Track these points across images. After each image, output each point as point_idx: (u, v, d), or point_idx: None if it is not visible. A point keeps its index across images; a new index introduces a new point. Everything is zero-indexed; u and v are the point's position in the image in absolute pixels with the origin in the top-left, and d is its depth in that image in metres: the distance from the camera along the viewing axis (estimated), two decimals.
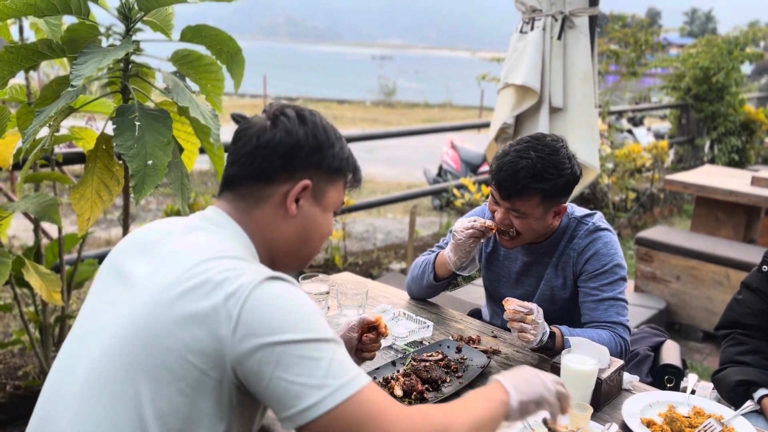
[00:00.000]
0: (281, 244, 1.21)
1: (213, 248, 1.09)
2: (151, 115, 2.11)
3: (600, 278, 1.94)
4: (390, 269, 4.79)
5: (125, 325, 1.05)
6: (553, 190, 1.85)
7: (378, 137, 5.49)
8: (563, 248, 2.01)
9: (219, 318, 0.99)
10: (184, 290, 1.02)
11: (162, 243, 1.15)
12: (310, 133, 1.16)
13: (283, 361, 0.97)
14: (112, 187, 2.18)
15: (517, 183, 1.83)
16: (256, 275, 1.03)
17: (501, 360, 1.88)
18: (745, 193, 4.37)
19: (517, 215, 1.89)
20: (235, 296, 1.00)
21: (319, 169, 1.18)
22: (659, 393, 1.71)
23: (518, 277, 2.12)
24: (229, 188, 1.20)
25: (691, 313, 4.10)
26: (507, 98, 3.68)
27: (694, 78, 8.28)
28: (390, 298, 2.30)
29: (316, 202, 1.21)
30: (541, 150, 1.84)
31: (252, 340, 0.98)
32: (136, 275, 1.11)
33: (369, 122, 19.50)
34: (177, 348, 0.99)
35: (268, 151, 1.14)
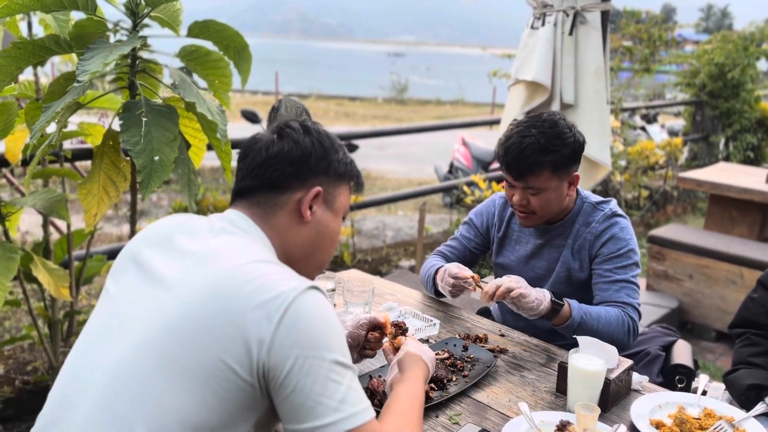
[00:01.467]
0: (297, 250, 1.25)
1: (249, 252, 1.13)
2: (157, 110, 2.11)
3: (614, 261, 1.98)
4: (399, 266, 4.78)
5: (161, 324, 1.06)
6: (562, 160, 1.92)
7: (389, 134, 5.46)
8: (578, 231, 2.05)
9: (260, 321, 1.02)
10: (226, 292, 1.05)
11: (188, 243, 1.17)
12: (315, 141, 1.24)
13: (312, 375, 1.02)
14: (118, 183, 2.18)
15: (526, 161, 1.90)
16: (299, 282, 1.08)
17: (508, 359, 1.86)
18: (760, 190, 4.31)
19: (533, 192, 1.94)
20: (278, 301, 1.03)
21: (327, 174, 1.25)
22: (669, 394, 1.68)
23: (528, 260, 2.15)
24: (242, 197, 1.25)
25: (703, 313, 4.05)
26: (518, 94, 3.65)
27: (708, 74, 8.18)
28: (396, 295, 2.28)
29: (328, 207, 1.27)
30: (540, 126, 1.92)
31: (289, 347, 1.02)
32: (167, 275, 1.13)
33: (380, 119, 19.47)
34: (215, 348, 1.02)
35: (278, 160, 1.21)
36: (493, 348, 1.89)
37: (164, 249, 1.18)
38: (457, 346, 1.86)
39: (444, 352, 1.81)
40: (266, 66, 24.56)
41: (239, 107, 5.64)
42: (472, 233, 2.27)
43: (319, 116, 17.97)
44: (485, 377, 1.72)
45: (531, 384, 1.72)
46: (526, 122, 1.95)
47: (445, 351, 1.81)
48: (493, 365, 1.76)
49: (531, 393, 1.68)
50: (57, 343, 2.77)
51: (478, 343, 1.92)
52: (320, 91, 27.16)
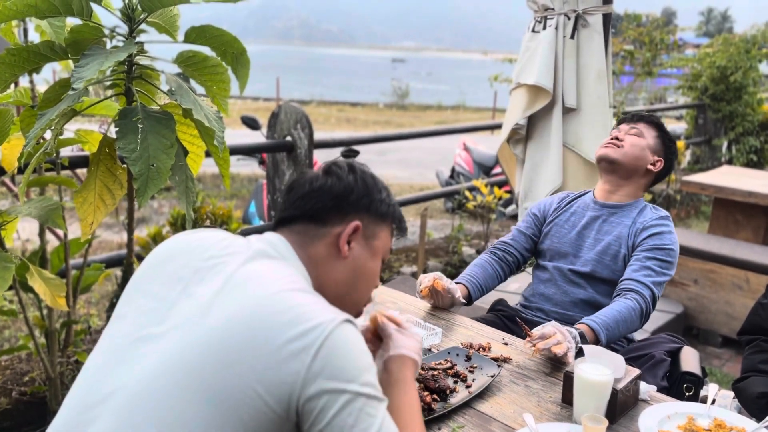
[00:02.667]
0: (331, 285, 1.23)
1: (286, 279, 1.11)
2: (154, 117, 2.08)
3: (654, 252, 2.09)
4: (401, 272, 4.74)
5: (191, 345, 1.04)
6: (664, 141, 2.26)
7: (391, 139, 5.43)
8: (635, 219, 2.19)
9: (297, 352, 1.01)
10: (263, 320, 1.03)
11: (226, 263, 1.14)
12: (359, 179, 1.26)
13: (347, 410, 1.01)
14: (115, 191, 2.15)
15: (648, 115, 2.30)
16: (335, 315, 1.06)
17: (512, 368, 1.82)
18: (765, 194, 4.27)
19: (635, 132, 2.24)
20: (316, 332, 1.02)
21: (369, 212, 1.26)
22: (678, 404, 1.64)
23: (581, 230, 2.27)
24: (284, 225, 1.25)
25: (709, 318, 4.01)
26: (519, 98, 3.61)
27: (711, 77, 8.15)
28: (398, 303, 2.25)
29: (367, 244, 1.27)
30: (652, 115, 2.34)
31: (326, 381, 1.01)
32: (201, 292, 1.10)
33: (382, 124, 19.47)
34: (248, 376, 1.00)
35: (321, 193, 1.23)
36: (496, 357, 1.85)
37: (204, 264, 1.15)
38: (460, 356, 1.82)
39: (446, 361, 1.77)
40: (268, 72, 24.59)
41: (240, 113, 5.62)
42: (530, 221, 2.40)
43: (320, 122, 17.97)
44: (489, 387, 1.68)
45: (536, 394, 1.68)
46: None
47: (448, 360, 1.77)
48: (497, 375, 1.72)
49: (536, 403, 1.64)
50: (54, 353, 2.73)
51: (481, 352, 1.88)
52: (322, 97, 27.19)
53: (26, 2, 1.92)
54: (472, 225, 5.78)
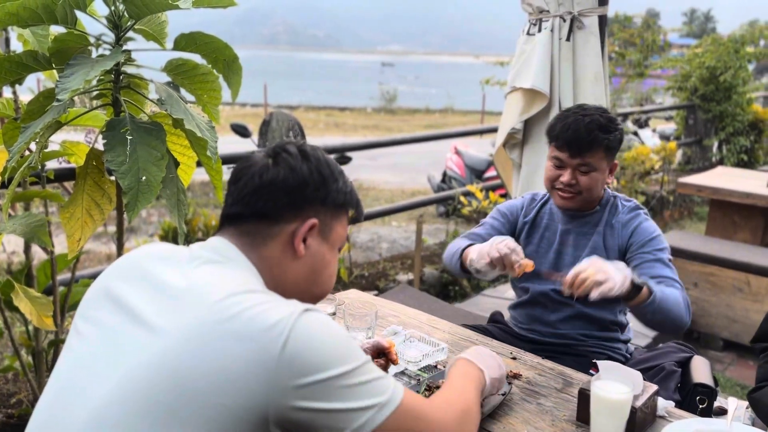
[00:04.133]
0: (290, 284, 1.15)
1: (235, 282, 1.02)
2: (143, 128, 1.99)
3: (650, 244, 2.02)
4: (397, 280, 4.66)
5: (147, 368, 0.95)
6: (613, 143, 2.00)
7: (383, 145, 5.36)
8: (607, 220, 2.09)
9: (258, 356, 0.93)
10: (214, 329, 0.95)
11: (169, 276, 1.06)
12: (314, 169, 1.15)
13: (333, 394, 0.97)
14: (103, 206, 2.06)
15: (588, 135, 1.96)
16: (294, 307, 0.99)
17: (522, 384, 1.74)
18: (762, 195, 4.23)
19: (585, 170, 2.00)
20: (277, 329, 0.95)
21: (325, 204, 1.17)
22: (698, 420, 1.58)
23: (558, 247, 2.14)
24: (231, 224, 1.14)
25: (710, 321, 3.96)
26: (515, 102, 3.56)
27: (700, 78, 8.16)
28: (400, 317, 2.17)
29: (324, 239, 1.18)
30: (595, 109, 2.02)
31: (301, 377, 0.95)
32: (146, 311, 1.01)
33: (370, 129, 19.41)
34: (209, 392, 0.92)
35: (272, 189, 1.12)
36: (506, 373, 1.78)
37: (142, 282, 1.07)
38: None
39: None
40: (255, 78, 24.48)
41: (228, 120, 5.53)
42: (501, 219, 2.27)
43: (309, 127, 17.87)
44: (500, 406, 1.61)
45: (549, 412, 1.61)
46: (577, 108, 2.05)
47: None
48: (508, 393, 1.64)
49: (550, 423, 1.57)
50: (42, 373, 2.63)
51: None
52: (309, 102, 27.09)
53: (7, 10, 1.83)
54: (466, 229, 5.72)
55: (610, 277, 1.69)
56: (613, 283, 1.69)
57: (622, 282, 1.72)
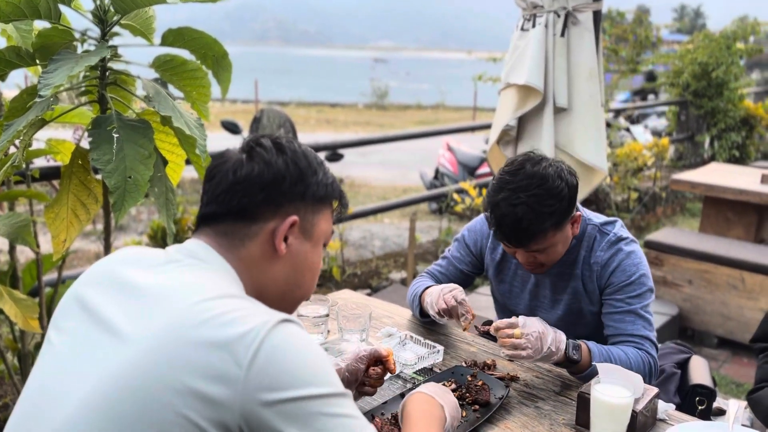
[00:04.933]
0: (271, 286, 1.08)
1: (209, 286, 0.96)
2: (130, 126, 1.94)
3: (626, 290, 1.80)
4: (390, 279, 4.62)
5: (111, 380, 0.89)
6: (561, 216, 1.72)
7: (375, 142, 5.31)
8: (585, 258, 1.87)
9: (226, 366, 0.86)
10: (181, 334, 0.89)
11: (141, 280, 1.00)
12: (290, 162, 1.08)
13: (302, 418, 0.88)
14: (89, 206, 2.01)
15: (524, 232, 1.69)
16: (269, 316, 0.92)
17: (520, 387, 1.71)
18: (756, 191, 4.22)
19: (538, 253, 1.76)
20: (246, 340, 0.88)
21: (304, 200, 1.09)
22: (699, 424, 1.54)
23: (534, 288, 1.97)
24: (207, 225, 1.07)
25: (705, 319, 3.95)
26: (509, 99, 3.52)
27: (692, 74, 8.15)
28: (394, 317, 2.13)
29: (306, 237, 1.10)
30: (527, 186, 1.68)
31: (270, 392, 0.87)
32: (116, 319, 0.96)
33: (362, 125, 19.33)
34: (172, 403, 0.86)
35: (247, 185, 1.05)
36: (502, 376, 1.75)
37: (113, 288, 1.01)
38: (464, 375, 1.70)
39: (450, 382, 1.65)
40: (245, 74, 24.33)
41: (219, 117, 5.46)
42: (463, 252, 2.07)
43: (300, 123, 17.78)
44: (497, 410, 1.57)
45: (548, 416, 1.58)
46: (510, 183, 1.69)
47: (452, 381, 1.66)
48: (505, 397, 1.61)
49: (549, 427, 1.53)
50: (28, 376, 2.57)
51: (486, 371, 1.77)
52: (301, 98, 26.95)
53: None
54: (459, 226, 5.69)
55: (532, 347, 1.59)
56: (530, 354, 1.59)
57: (549, 355, 1.62)
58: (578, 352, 1.66)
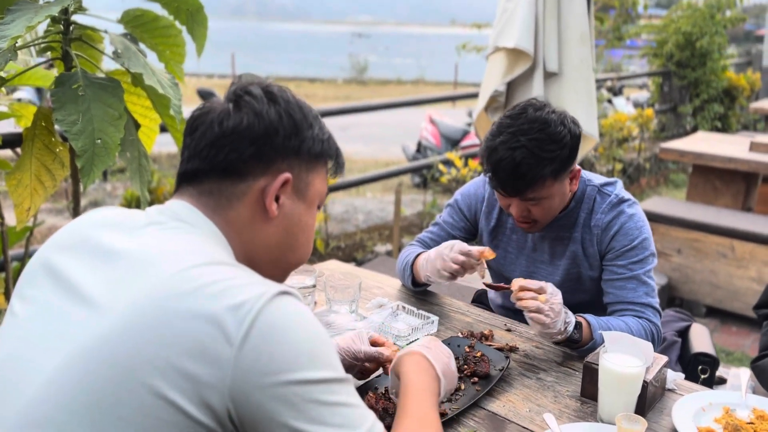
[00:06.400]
0: (262, 251, 0.98)
1: (196, 252, 0.85)
2: (98, 84, 1.80)
3: (628, 255, 1.71)
4: (375, 252, 4.52)
5: (83, 354, 0.79)
6: (561, 165, 1.63)
7: (358, 110, 5.16)
8: (585, 221, 1.77)
9: (214, 341, 0.76)
10: (164, 305, 0.78)
11: (117, 244, 0.89)
12: (284, 113, 0.97)
13: (298, 405, 0.79)
14: (55, 171, 1.86)
15: (522, 178, 1.60)
16: (265, 288, 0.81)
17: (520, 358, 1.62)
18: (745, 159, 4.16)
19: (534, 203, 1.67)
20: (240, 314, 0.77)
21: (299, 156, 0.98)
22: (710, 393, 1.47)
23: (530, 253, 1.87)
24: (189, 183, 0.96)
25: (693, 288, 3.91)
26: (497, 64, 3.40)
27: (676, 44, 8.08)
28: (384, 288, 2.02)
29: (300, 197, 1.00)
30: (529, 129, 1.60)
31: (264, 375, 0.78)
32: (88, 286, 0.85)
33: (342, 100, 19.07)
34: (151, 380, 0.76)
35: (235, 138, 0.94)
36: (501, 346, 1.65)
37: (85, 252, 0.90)
38: (461, 347, 1.60)
39: None
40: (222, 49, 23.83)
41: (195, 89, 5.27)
42: (457, 218, 1.96)
43: None
44: (498, 382, 1.48)
45: (551, 388, 1.49)
46: (510, 127, 1.61)
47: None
48: (505, 368, 1.51)
49: (552, 399, 1.44)
50: None
51: (484, 342, 1.67)
52: (278, 73, 26.52)
53: None
54: (443, 200, 5.60)
55: (553, 317, 1.49)
56: (548, 324, 1.48)
57: (555, 333, 1.51)
58: (579, 332, 1.57)
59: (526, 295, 1.50)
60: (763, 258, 3.62)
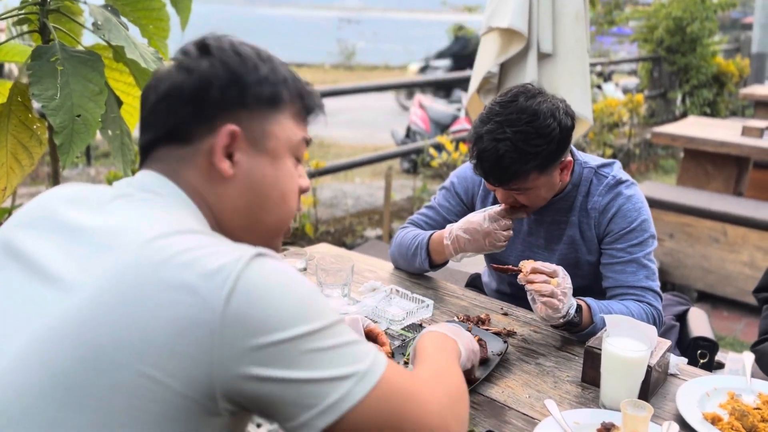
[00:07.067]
0: (231, 215, 0.90)
1: (166, 222, 0.80)
2: (77, 58, 1.71)
3: (627, 238, 1.66)
4: (365, 237, 4.46)
5: (48, 334, 0.74)
6: (548, 160, 1.57)
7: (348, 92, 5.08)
8: (581, 204, 1.72)
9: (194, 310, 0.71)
10: (138, 277, 0.73)
11: (83, 219, 0.83)
12: (218, 63, 0.88)
13: (297, 360, 0.75)
14: (32, 149, 1.78)
15: (504, 171, 1.55)
16: (241, 252, 0.77)
17: (518, 343, 1.57)
18: (737, 143, 4.14)
19: (519, 193, 1.62)
20: (219, 278, 0.72)
21: (245, 106, 0.89)
22: (714, 378, 1.43)
23: (526, 237, 1.82)
24: (146, 154, 0.90)
25: (685, 273, 3.88)
26: (490, 44, 3.32)
27: (666, 29, 8.04)
28: (377, 272, 1.96)
29: (258, 149, 0.89)
30: (516, 120, 1.53)
31: (253, 338, 0.73)
32: (56, 267, 0.79)
33: (329, 85, 18.94)
34: (128, 358, 0.70)
35: (170, 101, 0.87)
36: (498, 331, 1.60)
37: (50, 230, 0.84)
38: None
39: None
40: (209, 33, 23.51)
41: None
42: (453, 202, 1.90)
43: None
44: (496, 368, 1.43)
45: (550, 373, 1.44)
46: (499, 115, 1.55)
47: None
48: (504, 352, 1.47)
49: (552, 385, 1.40)
50: None
51: (481, 326, 1.62)
52: None
53: None
54: (433, 184, 5.54)
55: (564, 303, 1.44)
56: (559, 309, 1.44)
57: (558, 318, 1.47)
58: (579, 315, 1.52)
59: (539, 278, 1.45)
60: (755, 242, 3.60)
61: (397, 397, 0.80)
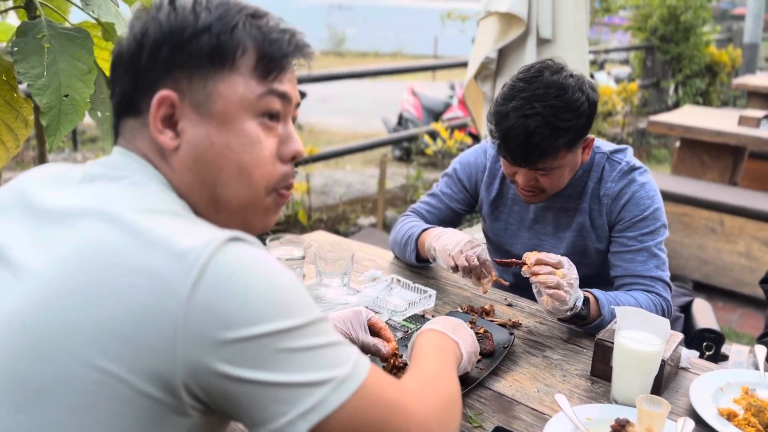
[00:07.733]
0: (186, 190, 0.81)
1: (134, 200, 0.73)
2: (64, 35, 1.63)
3: (639, 226, 1.62)
4: (358, 224, 4.40)
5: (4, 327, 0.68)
6: (576, 134, 1.52)
7: (340, 77, 5.00)
8: (593, 190, 1.67)
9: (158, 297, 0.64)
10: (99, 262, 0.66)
11: (50, 201, 0.77)
12: (150, 23, 0.79)
13: (267, 360, 0.68)
14: (17, 130, 1.70)
15: (535, 149, 1.48)
16: (212, 235, 0.69)
17: (523, 335, 1.52)
18: (734, 133, 4.10)
19: (543, 173, 1.56)
20: (186, 262, 0.65)
21: (183, 66, 0.78)
22: (726, 372, 1.39)
23: (533, 225, 1.77)
24: (116, 131, 0.86)
25: (681, 263, 3.86)
26: (489, 29, 3.26)
27: (661, 17, 8.00)
28: (377, 261, 1.91)
29: (204, 114, 0.79)
30: (544, 95, 1.47)
31: (221, 331, 0.66)
32: (19, 252, 0.74)
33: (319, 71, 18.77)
34: (86, 351, 0.64)
35: (115, 68, 0.82)
36: (504, 322, 1.55)
37: (17, 213, 0.79)
38: None
39: None
40: None
41: None
42: (456, 189, 1.84)
43: None
44: (503, 361, 1.38)
45: (558, 366, 1.40)
46: (524, 91, 1.47)
47: None
48: (510, 345, 1.42)
49: (561, 379, 1.35)
50: None
51: (485, 317, 1.57)
52: None
53: None
54: (426, 172, 5.48)
55: (571, 294, 1.39)
56: (565, 301, 1.38)
57: (565, 310, 1.42)
58: (587, 307, 1.47)
59: (543, 270, 1.39)
60: (752, 233, 3.58)
61: (379, 407, 0.74)
